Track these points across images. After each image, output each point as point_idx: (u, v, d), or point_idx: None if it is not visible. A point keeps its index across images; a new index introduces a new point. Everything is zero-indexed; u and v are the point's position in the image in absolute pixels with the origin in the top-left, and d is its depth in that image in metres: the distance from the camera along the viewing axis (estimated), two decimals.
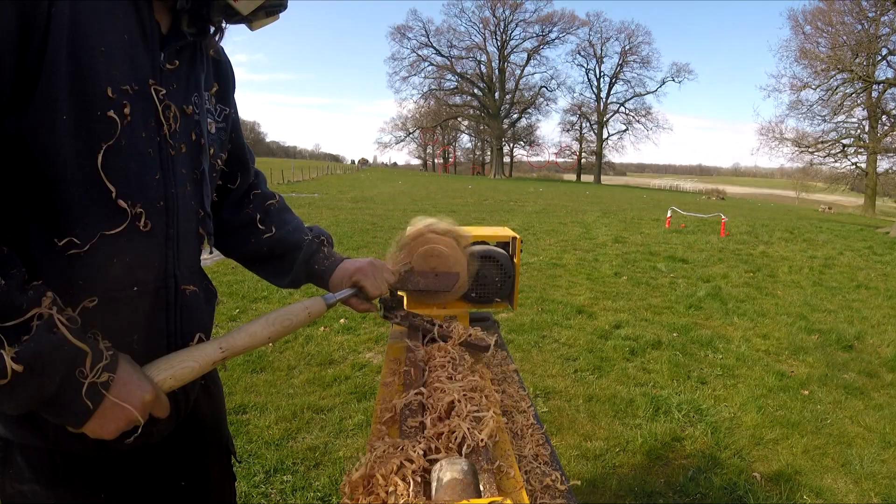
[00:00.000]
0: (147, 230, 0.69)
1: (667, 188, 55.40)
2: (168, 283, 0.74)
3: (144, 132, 0.67)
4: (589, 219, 12.73)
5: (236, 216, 0.99)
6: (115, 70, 0.63)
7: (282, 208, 1.05)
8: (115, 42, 0.63)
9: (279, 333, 0.79)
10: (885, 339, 4.35)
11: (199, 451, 0.94)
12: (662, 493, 2.21)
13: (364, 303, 1.00)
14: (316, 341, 3.69)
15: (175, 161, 0.73)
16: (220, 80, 0.87)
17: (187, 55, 0.76)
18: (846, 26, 24.21)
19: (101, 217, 0.64)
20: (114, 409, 0.61)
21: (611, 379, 3.32)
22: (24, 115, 0.58)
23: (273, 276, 1.05)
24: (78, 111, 0.60)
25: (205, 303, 0.85)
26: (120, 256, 0.67)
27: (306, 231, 1.04)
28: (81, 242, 0.63)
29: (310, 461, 2.31)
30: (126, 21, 0.65)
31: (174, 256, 0.75)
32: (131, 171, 0.66)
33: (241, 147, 0.99)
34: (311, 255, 1.02)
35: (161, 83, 0.69)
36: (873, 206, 26.25)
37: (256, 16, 0.76)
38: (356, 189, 21.14)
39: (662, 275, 6.40)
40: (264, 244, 1.00)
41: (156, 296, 0.73)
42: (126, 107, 0.64)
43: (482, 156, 66.70)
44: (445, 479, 0.50)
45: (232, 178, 0.98)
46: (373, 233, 8.73)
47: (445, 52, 54.49)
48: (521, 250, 1.31)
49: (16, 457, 0.71)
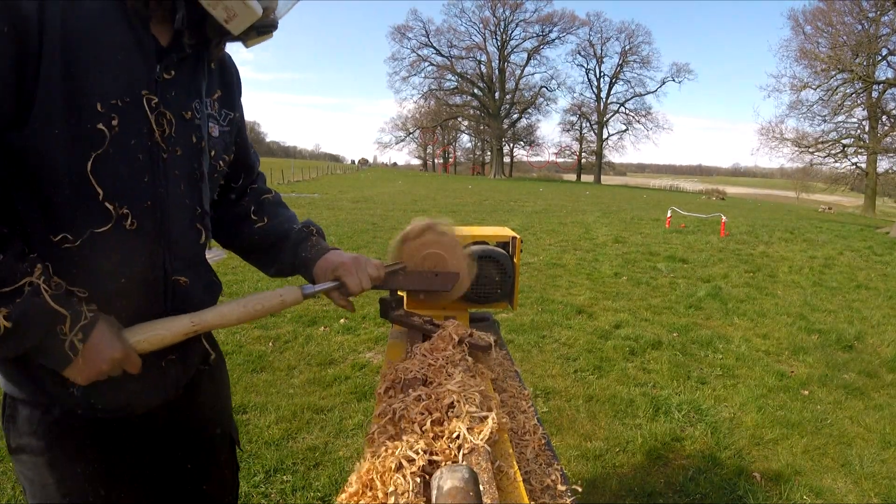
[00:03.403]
0: (133, 228, 0.75)
1: (667, 188, 55.36)
2: (156, 274, 0.81)
3: (134, 139, 0.73)
4: (589, 219, 12.72)
5: (233, 209, 1.04)
6: (107, 84, 0.69)
7: (276, 202, 1.09)
8: (106, 57, 0.69)
9: (250, 315, 0.84)
10: (885, 339, 4.35)
11: (201, 430, 0.98)
12: (662, 493, 2.21)
13: (342, 299, 0.99)
14: (316, 341, 3.69)
15: (168, 163, 0.78)
16: (224, 86, 0.92)
17: (188, 65, 0.81)
18: (846, 26, 24.19)
19: (90, 217, 0.72)
20: (88, 360, 0.71)
21: (611, 379, 3.31)
22: (24, 128, 0.65)
23: (263, 266, 1.08)
24: (70, 125, 0.67)
25: (203, 293, 0.89)
26: (108, 251, 0.74)
27: (297, 222, 1.07)
28: (74, 238, 0.71)
29: (310, 461, 2.31)
30: (121, 36, 0.71)
31: (165, 250, 0.81)
32: (120, 175, 0.73)
33: (246, 149, 1.03)
34: (299, 242, 1.03)
35: (155, 92, 0.75)
36: (873, 207, 26.24)
37: (249, 35, 0.81)
38: (356, 189, 21.14)
39: (662, 275, 6.40)
40: (256, 233, 1.04)
41: (146, 288, 0.80)
42: (115, 119, 0.70)
43: (482, 156, 66.63)
44: (446, 488, 0.49)
45: (235, 177, 1.03)
46: (373, 233, 8.73)
47: (445, 52, 54.46)
48: (521, 250, 1.31)
49: (19, 411, 0.80)
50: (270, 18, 0.81)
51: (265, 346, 3.56)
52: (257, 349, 3.49)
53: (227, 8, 0.74)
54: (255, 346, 3.56)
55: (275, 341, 3.66)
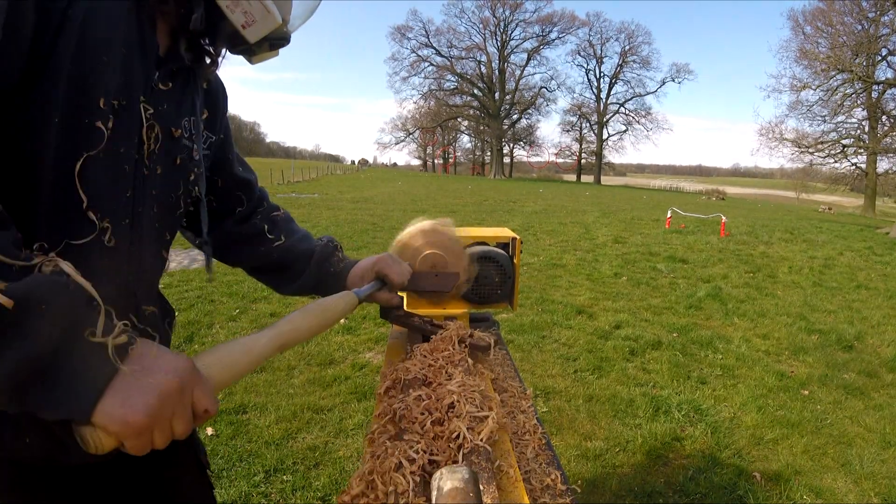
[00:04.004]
0: (111, 245, 0.67)
1: (667, 188, 55.39)
2: (129, 301, 0.73)
3: (123, 148, 0.67)
4: (589, 219, 12.73)
5: (244, 228, 1.00)
6: (111, 82, 0.63)
7: (287, 219, 1.06)
8: (115, 54, 0.64)
9: (319, 327, 0.76)
10: (885, 339, 4.35)
11: (168, 462, 0.89)
12: (662, 493, 2.21)
13: (388, 293, 0.99)
14: (316, 341, 3.69)
15: (146, 181, 0.71)
16: (209, 107, 0.87)
17: (182, 79, 0.75)
18: (846, 26, 24.22)
19: (69, 226, 0.64)
20: (145, 377, 0.49)
21: (611, 379, 3.32)
22: (20, 108, 0.58)
23: (280, 284, 1.05)
24: (69, 116, 0.60)
25: (163, 324, 0.83)
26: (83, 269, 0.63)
27: (314, 239, 1.05)
28: (49, 247, 0.61)
29: (310, 461, 2.31)
30: (129, 35, 0.65)
31: (135, 276, 0.73)
32: (105, 184, 0.66)
33: (237, 169, 0.98)
34: (326, 258, 1.02)
35: (150, 102, 0.69)
36: (873, 207, 26.25)
37: (261, 47, 0.76)
38: (356, 189, 21.14)
39: (662, 275, 6.40)
40: (274, 252, 1.00)
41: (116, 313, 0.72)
42: (111, 121, 0.64)
43: (482, 156, 66.67)
44: (446, 488, 0.49)
45: (238, 201, 0.99)
46: (373, 233, 8.73)
47: (445, 53, 54.53)
48: (521, 251, 1.31)
49: None
50: (284, 31, 0.77)
51: None
52: None
53: (247, 12, 0.69)
54: None
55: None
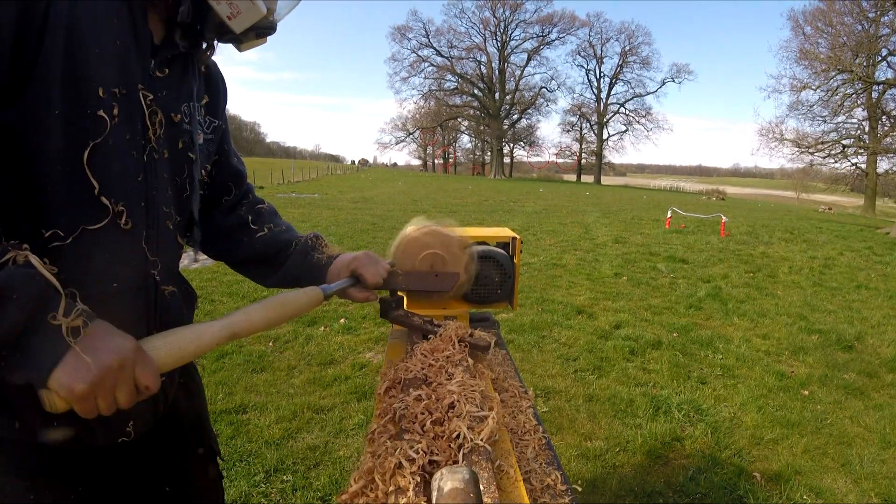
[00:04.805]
0: (128, 228, 0.71)
1: (667, 188, 55.37)
2: (147, 282, 0.76)
3: (129, 134, 0.70)
4: (589, 219, 12.72)
5: (228, 220, 1.02)
6: (108, 72, 0.66)
7: (272, 212, 1.08)
8: (108, 46, 0.66)
9: (275, 319, 0.79)
10: (885, 339, 4.35)
11: (181, 450, 0.94)
12: (662, 493, 2.21)
13: (363, 291, 0.99)
14: (316, 341, 3.69)
15: (157, 165, 0.75)
16: (210, 92, 0.89)
17: (179, 65, 0.78)
18: (846, 27, 24.21)
19: (84, 212, 0.66)
20: (93, 350, 0.56)
21: (611, 379, 3.32)
22: (18, 107, 0.60)
23: (263, 275, 1.06)
24: (70, 108, 0.63)
25: (184, 305, 0.86)
26: (101, 252, 0.68)
27: (297, 232, 1.06)
28: (65, 235, 0.65)
29: (310, 461, 2.31)
30: (120, 27, 0.68)
31: (154, 257, 0.76)
32: (115, 170, 0.68)
33: (231, 158, 1.01)
34: (310, 249, 1.03)
35: (149, 89, 0.72)
36: (873, 207, 26.23)
37: (247, 36, 0.79)
38: (356, 189, 21.14)
39: (662, 275, 6.40)
40: (257, 243, 1.01)
41: (136, 295, 0.75)
42: (114, 108, 0.66)
43: (482, 156, 66.63)
44: (446, 489, 0.49)
45: (227, 190, 1.01)
46: (373, 233, 8.73)
47: (445, 53, 54.49)
48: (521, 250, 1.31)
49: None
50: (270, 20, 0.80)
51: (265, 346, 3.56)
52: (257, 349, 3.49)
53: (232, 3, 0.73)
54: (254, 345, 3.56)
55: (275, 341, 3.66)
